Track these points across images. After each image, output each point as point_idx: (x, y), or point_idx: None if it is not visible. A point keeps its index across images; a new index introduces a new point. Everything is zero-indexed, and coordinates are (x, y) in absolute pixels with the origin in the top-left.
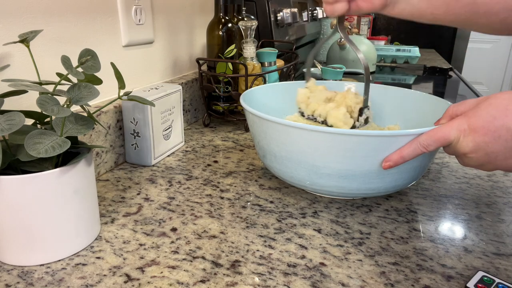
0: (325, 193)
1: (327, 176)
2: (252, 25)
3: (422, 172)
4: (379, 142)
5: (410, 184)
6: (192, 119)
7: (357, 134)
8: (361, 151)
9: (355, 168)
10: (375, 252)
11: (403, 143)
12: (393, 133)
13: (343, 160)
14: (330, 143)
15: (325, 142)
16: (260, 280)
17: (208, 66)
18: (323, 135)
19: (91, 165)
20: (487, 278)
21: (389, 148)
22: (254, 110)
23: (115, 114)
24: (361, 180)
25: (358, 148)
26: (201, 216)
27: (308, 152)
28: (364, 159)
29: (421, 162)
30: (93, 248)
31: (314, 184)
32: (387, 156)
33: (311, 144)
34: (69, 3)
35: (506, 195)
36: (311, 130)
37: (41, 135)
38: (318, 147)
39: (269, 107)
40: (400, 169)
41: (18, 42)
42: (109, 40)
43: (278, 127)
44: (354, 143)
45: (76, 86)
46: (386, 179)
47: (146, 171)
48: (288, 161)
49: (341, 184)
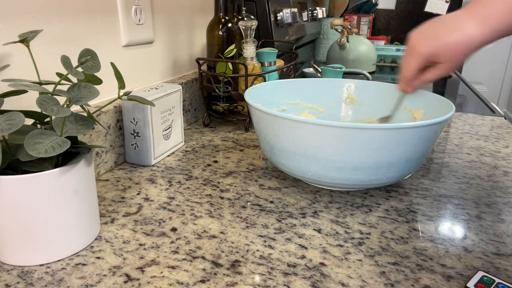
0: (336, 186)
1: (340, 170)
2: (252, 25)
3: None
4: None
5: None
6: (192, 119)
7: (369, 128)
8: (374, 144)
9: (367, 160)
10: (375, 252)
11: (415, 135)
12: (403, 125)
13: (356, 153)
14: (343, 138)
15: (338, 136)
16: (260, 280)
17: (208, 66)
18: (337, 130)
19: (91, 165)
20: (487, 278)
21: (400, 139)
22: (264, 108)
23: (115, 114)
24: (373, 171)
25: (371, 141)
26: (201, 216)
27: (321, 147)
28: (377, 151)
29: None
30: (93, 248)
31: (326, 177)
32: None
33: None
34: (69, 3)
35: (506, 195)
36: (325, 125)
37: (41, 135)
38: (331, 141)
39: (272, 103)
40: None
41: (18, 42)
42: (109, 40)
43: (291, 123)
44: (367, 136)
45: (76, 86)
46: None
47: (146, 171)
48: (301, 157)
49: (354, 176)
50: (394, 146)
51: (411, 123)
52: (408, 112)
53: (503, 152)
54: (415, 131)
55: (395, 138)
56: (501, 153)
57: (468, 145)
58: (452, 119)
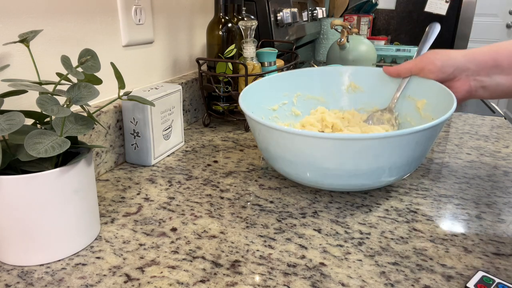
0: (336, 190)
1: (337, 176)
2: (252, 25)
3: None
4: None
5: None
6: (192, 119)
7: (363, 138)
8: (370, 152)
9: (366, 168)
10: (375, 252)
11: (411, 140)
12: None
13: (353, 162)
14: (339, 148)
15: (331, 147)
16: (260, 280)
17: (208, 66)
18: (330, 141)
19: (91, 165)
20: (487, 278)
21: (397, 146)
22: (258, 117)
23: (115, 114)
24: (371, 176)
25: (366, 150)
26: (201, 216)
27: (316, 157)
28: (375, 158)
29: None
30: (93, 248)
31: (323, 184)
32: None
33: (319, 150)
34: (69, 3)
35: (506, 195)
36: (319, 137)
37: (41, 135)
38: (327, 153)
39: (269, 99)
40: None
41: (18, 42)
42: (109, 40)
43: (285, 135)
44: (363, 146)
45: (76, 86)
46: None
47: (146, 171)
48: (296, 165)
49: (352, 182)
50: (390, 153)
51: (406, 130)
52: (411, 100)
53: (503, 152)
54: (412, 137)
55: (390, 145)
56: (501, 153)
57: (468, 145)
58: (452, 119)
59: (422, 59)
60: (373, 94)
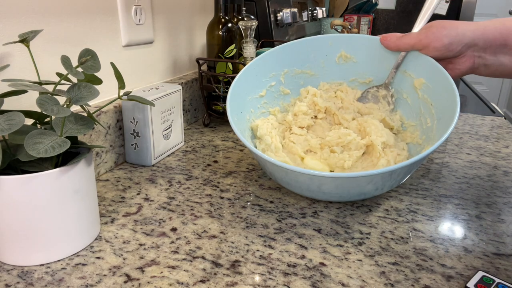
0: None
1: (334, 195)
2: (252, 25)
3: None
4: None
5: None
6: (192, 119)
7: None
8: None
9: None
10: (375, 252)
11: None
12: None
13: (345, 191)
14: (334, 183)
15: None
16: (260, 280)
17: (208, 66)
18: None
19: (91, 165)
20: (487, 278)
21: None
22: (251, 146)
23: (115, 114)
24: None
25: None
26: (201, 216)
27: (310, 184)
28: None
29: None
30: (93, 248)
31: (321, 197)
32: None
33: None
34: (69, 3)
35: (506, 195)
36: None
37: (41, 135)
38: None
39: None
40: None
41: (18, 42)
42: (109, 40)
43: (279, 168)
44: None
45: (76, 86)
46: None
47: (146, 171)
48: (290, 182)
49: (350, 196)
50: (382, 184)
51: (392, 166)
52: (408, 77)
53: (503, 152)
54: (401, 169)
55: (382, 179)
56: (501, 153)
57: (468, 145)
58: None
59: (428, 34)
60: (366, 65)
